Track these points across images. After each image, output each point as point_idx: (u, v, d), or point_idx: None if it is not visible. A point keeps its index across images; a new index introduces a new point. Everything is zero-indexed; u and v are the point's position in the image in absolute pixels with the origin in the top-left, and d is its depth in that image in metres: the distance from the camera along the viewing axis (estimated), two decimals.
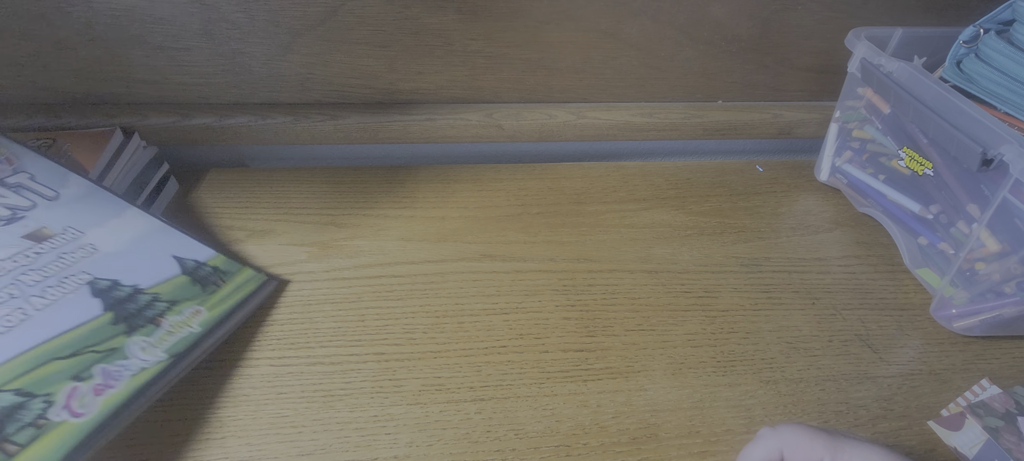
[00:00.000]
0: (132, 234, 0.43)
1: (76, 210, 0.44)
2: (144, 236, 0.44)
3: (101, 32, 0.52)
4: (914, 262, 0.53)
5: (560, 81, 0.61)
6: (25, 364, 0.34)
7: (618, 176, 0.62)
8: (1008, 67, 0.46)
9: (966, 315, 0.46)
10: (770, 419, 0.40)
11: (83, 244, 0.42)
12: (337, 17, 0.54)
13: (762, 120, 0.65)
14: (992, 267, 0.44)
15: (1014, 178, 0.40)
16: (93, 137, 0.50)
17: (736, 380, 0.42)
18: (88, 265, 0.40)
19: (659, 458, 0.38)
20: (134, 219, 0.45)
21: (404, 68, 0.58)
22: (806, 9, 0.59)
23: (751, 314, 0.48)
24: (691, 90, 0.64)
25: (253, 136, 0.58)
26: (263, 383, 0.40)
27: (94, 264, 0.40)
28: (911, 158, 0.51)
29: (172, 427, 0.37)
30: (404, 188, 0.58)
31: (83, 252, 0.41)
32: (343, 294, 0.47)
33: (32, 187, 0.45)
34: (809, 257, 0.54)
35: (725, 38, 0.60)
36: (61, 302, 0.37)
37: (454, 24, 0.55)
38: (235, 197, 0.56)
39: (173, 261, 0.43)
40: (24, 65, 0.53)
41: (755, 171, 0.65)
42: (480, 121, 0.60)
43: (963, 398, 0.42)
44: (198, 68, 0.55)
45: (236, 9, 0.52)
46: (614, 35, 0.58)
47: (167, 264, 0.42)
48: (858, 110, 0.56)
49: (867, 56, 0.52)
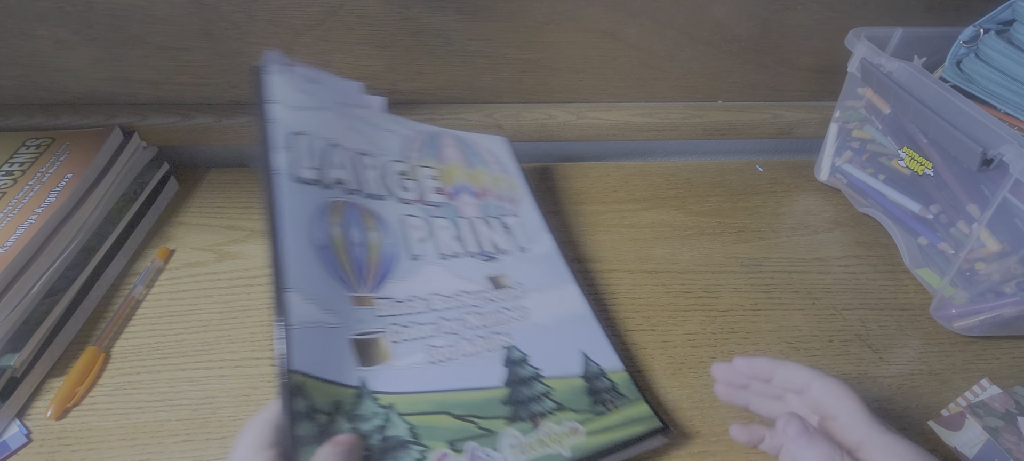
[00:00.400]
0: (561, 311, 0.42)
1: (533, 268, 0.44)
2: (569, 318, 0.42)
3: (101, 32, 0.52)
4: (914, 262, 0.52)
5: (560, 81, 0.61)
6: (428, 404, 0.34)
7: (618, 176, 0.62)
8: (1008, 67, 0.46)
9: (966, 315, 0.46)
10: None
11: (521, 305, 0.41)
12: (337, 17, 0.54)
13: (762, 120, 0.65)
14: (992, 267, 0.44)
15: (1014, 178, 0.40)
16: (92, 137, 0.50)
17: None
18: (514, 329, 0.40)
19: (660, 458, 0.38)
20: (570, 297, 0.43)
21: (404, 68, 0.58)
22: (806, 9, 0.59)
23: (751, 314, 0.48)
24: (691, 90, 0.64)
25: (254, 136, 0.58)
26: (263, 383, 0.40)
27: (518, 330, 0.40)
28: (911, 158, 0.51)
29: (172, 427, 0.38)
30: None
31: (517, 314, 0.41)
32: None
33: (517, 233, 0.46)
34: (809, 257, 0.54)
35: (725, 38, 0.60)
36: (480, 356, 0.37)
37: (454, 24, 0.55)
38: (235, 197, 0.56)
39: (579, 357, 0.39)
40: (24, 65, 0.53)
41: (755, 171, 0.65)
42: (480, 121, 0.60)
43: (963, 398, 0.42)
44: (198, 68, 0.55)
45: (236, 9, 0.52)
46: (614, 35, 0.58)
47: (573, 359, 0.39)
48: (858, 110, 0.56)
49: (867, 56, 0.52)
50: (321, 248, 0.36)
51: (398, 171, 0.45)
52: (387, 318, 0.36)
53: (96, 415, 0.38)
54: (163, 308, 0.45)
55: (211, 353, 0.42)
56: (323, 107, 0.42)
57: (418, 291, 0.39)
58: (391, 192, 0.43)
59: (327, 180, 0.39)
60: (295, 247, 0.34)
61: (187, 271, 0.48)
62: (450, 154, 0.49)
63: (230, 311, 0.45)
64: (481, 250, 0.44)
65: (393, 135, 0.47)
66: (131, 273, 0.48)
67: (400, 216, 0.42)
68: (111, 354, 0.41)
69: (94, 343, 0.41)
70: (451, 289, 0.40)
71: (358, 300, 0.36)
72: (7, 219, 0.42)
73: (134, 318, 0.44)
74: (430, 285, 0.40)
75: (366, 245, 0.38)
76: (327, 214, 0.37)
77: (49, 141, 0.50)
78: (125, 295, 0.45)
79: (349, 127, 0.43)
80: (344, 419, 0.31)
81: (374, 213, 0.41)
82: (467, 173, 0.49)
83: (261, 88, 0.39)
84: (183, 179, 0.58)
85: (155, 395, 0.39)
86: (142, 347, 0.42)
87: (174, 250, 0.50)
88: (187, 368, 0.41)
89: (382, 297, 0.37)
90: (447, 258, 0.42)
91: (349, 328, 0.34)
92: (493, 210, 0.47)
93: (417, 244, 0.41)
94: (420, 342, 0.36)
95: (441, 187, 0.46)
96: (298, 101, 0.40)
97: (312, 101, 0.41)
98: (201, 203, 0.55)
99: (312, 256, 0.35)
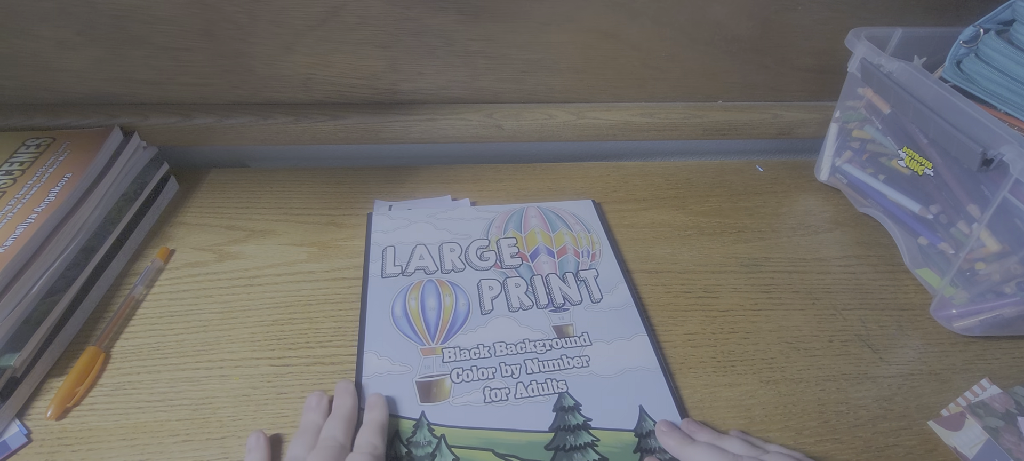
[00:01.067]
0: (626, 363, 0.42)
1: (603, 319, 0.45)
2: (634, 370, 0.42)
3: (102, 32, 0.52)
4: (914, 262, 0.52)
5: (560, 81, 0.61)
6: (475, 439, 0.37)
7: (618, 176, 0.62)
8: (1008, 67, 0.46)
9: (966, 315, 0.46)
10: (770, 418, 0.40)
11: (583, 354, 0.43)
12: (338, 17, 0.54)
13: (762, 120, 0.65)
14: (992, 267, 0.44)
15: (1014, 178, 0.40)
16: (92, 136, 0.50)
17: (736, 380, 0.42)
18: (571, 377, 0.41)
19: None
20: (639, 349, 0.43)
21: (405, 68, 0.58)
22: (806, 9, 0.59)
23: (751, 314, 0.48)
24: (691, 90, 0.64)
25: (254, 136, 0.58)
26: (263, 383, 0.40)
27: (576, 378, 0.41)
28: (911, 158, 0.51)
29: (172, 427, 0.37)
30: (404, 188, 0.58)
31: (577, 362, 0.42)
32: (343, 294, 0.47)
33: (591, 285, 0.47)
34: (809, 257, 0.54)
35: (725, 38, 0.60)
36: (532, 400, 0.40)
37: (455, 25, 0.55)
38: (235, 197, 0.56)
39: (636, 413, 0.39)
40: (24, 65, 0.53)
41: (755, 171, 0.65)
42: (480, 121, 0.60)
43: (963, 398, 0.42)
44: (199, 68, 0.55)
45: (238, 9, 0.52)
46: (614, 35, 0.58)
47: (628, 413, 0.39)
48: (858, 110, 0.56)
49: (867, 56, 0.52)
50: (398, 318, 0.44)
51: (478, 248, 0.50)
52: (452, 363, 0.41)
53: (96, 415, 0.38)
54: (163, 308, 0.45)
55: (211, 353, 0.42)
56: (413, 222, 0.52)
57: (484, 339, 0.43)
58: (469, 265, 0.49)
59: (409, 271, 0.48)
60: (375, 322, 0.44)
61: (187, 271, 0.48)
62: (532, 223, 0.54)
63: (230, 311, 0.45)
64: (551, 302, 0.46)
65: (478, 221, 0.53)
66: (131, 273, 0.48)
67: (476, 281, 0.47)
68: (111, 354, 0.41)
69: (94, 343, 0.41)
70: (516, 337, 0.43)
71: (427, 351, 0.42)
72: (7, 218, 0.42)
73: (134, 318, 0.44)
74: (496, 334, 0.44)
75: (440, 308, 0.45)
76: (407, 292, 0.46)
77: (49, 141, 0.50)
78: (125, 295, 0.45)
79: (435, 227, 0.52)
80: (401, 444, 0.36)
81: (451, 283, 0.47)
82: (547, 236, 0.52)
83: (368, 225, 0.52)
84: (183, 179, 0.58)
85: (155, 395, 0.39)
86: (142, 347, 0.42)
87: (174, 250, 0.50)
88: (187, 368, 0.41)
89: (450, 346, 0.42)
90: (516, 311, 0.45)
91: (416, 373, 0.41)
92: (570, 266, 0.49)
93: (489, 301, 0.46)
94: (478, 383, 0.40)
95: (519, 252, 0.51)
96: (392, 226, 0.52)
97: (404, 222, 0.52)
98: (201, 203, 0.55)
99: (390, 325, 0.44)
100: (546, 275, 0.48)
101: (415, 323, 0.44)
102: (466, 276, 0.48)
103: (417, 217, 0.53)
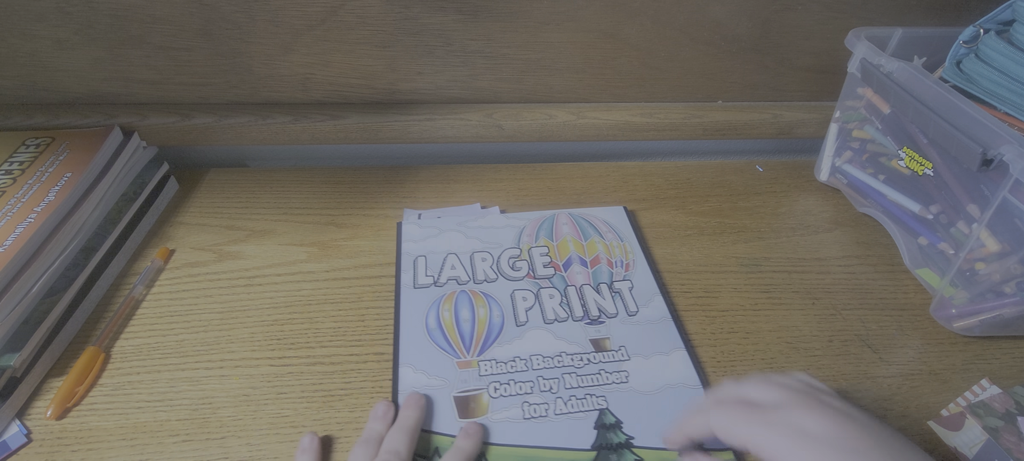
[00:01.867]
0: (666, 380, 0.41)
1: (640, 333, 0.44)
2: (674, 386, 0.41)
3: (101, 32, 0.52)
4: (914, 262, 0.52)
5: (560, 81, 0.61)
6: (515, 457, 0.36)
7: (618, 176, 0.62)
8: (1008, 67, 0.46)
9: (966, 315, 0.46)
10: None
11: (621, 369, 0.42)
12: (337, 17, 0.54)
13: (762, 120, 0.65)
14: (992, 267, 0.44)
15: (1014, 178, 0.40)
16: (92, 136, 0.50)
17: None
18: (610, 393, 0.40)
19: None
20: (677, 364, 0.42)
21: (404, 68, 0.58)
22: (806, 9, 0.59)
23: (751, 314, 0.48)
24: (691, 90, 0.64)
25: (253, 136, 0.58)
26: (263, 383, 0.40)
27: (615, 394, 0.40)
28: (911, 158, 0.51)
29: (172, 427, 0.37)
30: (404, 188, 0.58)
31: (617, 377, 0.41)
32: (343, 294, 0.47)
33: (626, 297, 0.47)
34: (809, 257, 0.54)
35: (725, 38, 0.60)
36: (572, 417, 0.39)
37: (454, 24, 0.55)
38: (235, 197, 0.56)
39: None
40: (25, 65, 0.53)
41: (755, 171, 0.65)
42: (480, 121, 0.60)
43: (963, 398, 0.42)
44: (198, 68, 0.55)
45: (236, 9, 0.52)
46: (614, 35, 0.58)
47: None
48: (858, 110, 0.56)
49: (867, 56, 0.52)
50: (433, 330, 0.44)
51: (510, 257, 0.50)
52: (488, 376, 0.41)
53: (96, 415, 0.38)
54: (163, 308, 0.45)
55: (211, 353, 0.42)
56: (443, 231, 0.52)
57: (520, 352, 0.42)
58: (502, 275, 0.48)
59: (441, 281, 0.47)
60: (409, 334, 0.43)
61: (187, 271, 0.48)
62: (563, 231, 0.53)
63: (230, 311, 0.45)
64: (586, 314, 0.45)
65: (509, 229, 0.53)
66: (131, 273, 0.48)
67: (510, 292, 0.47)
68: (111, 354, 0.41)
69: (94, 343, 0.41)
70: (552, 350, 0.43)
71: (463, 364, 0.41)
72: (6, 218, 0.42)
73: (134, 318, 0.44)
74: (532, 347, 0.43)
75: (474, 320, 0.45)
76: (440, 303, 0.46)
77: (49, 140, 0.50)
78: (125, 295, 0.45)
79: (466, 236, 0.52)
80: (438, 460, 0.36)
81: (484, 294, 0.47)
82: (579, 245, 0.51)
83: (398, 235, 0.51)
84: (183, 179, 0.57)
85: (155, 395, 0.39)
86: (142, 347, 0.42)
87: (174, 250, 0.50)
88: (187, 368, 0.41)
89: (486, 359, 0.42)
90: (552, 323, 0.45)
91: (453, 387, 0.40)
92: (603, 276, 0.49)
93: (524, 313, 0.45)
94: (517, 398, 0.40)
95: (552, 261, 0.50)
96: (422, 235, 0.51)
97: (434, 231, 0.52)
98: (201, 203, 0.55)
99: (424, 337, 0.43)
100: (580, 286, 0.47)
101: (449, 335, 0.43)
102: (499, 287, 0.47)
103: (447, 226, 0.52)
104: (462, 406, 0.39)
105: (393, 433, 0.35)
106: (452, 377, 0.40)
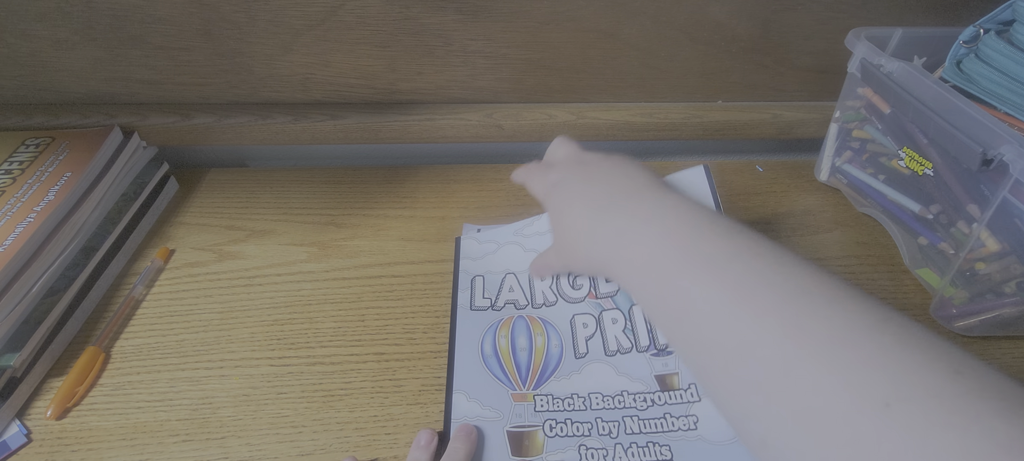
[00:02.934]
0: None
1: None
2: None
3: (101, 32, 0.52)
4: (914, 262, 0.52)
5: (560, 81, 0.61)
6: None
7: None
8: (1008, 67, 0.46)
9: (966, 315, 0.46)
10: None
11: (690, 413, 0.37)
12: (337, 17, 0.54)
13: (762, 120, 0.65)
14: (992, 267, 0.44)
15: (1014, 178, 0.40)
16: (91, 136, 0.50)
17: None
18: (676, 439, 0.36)
19: None
20: None
21: (404, 68, 0.58)
22: (806, 9, 0.59)
23: None
24: (691, 90, 0.64)
25: (253, 136, 0.58)
26: (263, 383, 0.40)
27: (682, 443, 0.36)
28: (911, 158, 0.51)
29: (172, 427, 0.37)
30: (404, 188, 0.58)
31: (684, 422, 0.37)
32: (343, 294, 0.47)
33: None
34: (809, 257, 0.53)
35: (725, 38, 0.60)
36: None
37: (454, 24, 0.55)
38: (235, 197, 0.56)
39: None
40: (24, 65, 0.53)
41: (755, 171, 0.65)
42: (480, 121, 0.60)
43: None
44: (198, 68, 0.55)
45: (236, 9, 0.52)
46: (614, 35, 0.58)
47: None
48: (858, 110, 0.56)
49: (867, 56, 0.52)
50: (488, 356, 0.41)
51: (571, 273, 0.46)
52: (544, 413, 0.38)
53: (96, 415, 0.38)
54: (163, 308, 0.45)
55: (211, 353, 0.42)
56: (501, 245, 0.49)
57: (579, 388, 0.39)
58: (561, 297, 0.45)
59: (499, 305, 0.45)
60: (464, 358, 0.41)
61: (187, 271, 0.48)
62: None
63: (230, 311, 0.45)
64: (652, 344, 0.41)
65: None
66: (131, 273, 0.48)
67: (569, 317, 0.43)
68: (111, 354, 0.41)
69: (94, 343, 0.41)
70: (613, 389, 0.39)
71: (518, 397, 0.39)
72: (6, 218, 0.42)
73: (134, 318, 0.44)
74: (591, 383, 0.39)
75: (531, 349, 0.42)
76: (496, 329, 0.43)
77: (49, 140, 0.50)
78: (125, 295, 0.45)
79: (524, 249, 0.48)
80: None
81: (542, 320, 0.44)
82: None
83: (457, 251, 0.49)
84: (183, 179, 0.58)
85: (155, 395, 0.39)
86: (142, 347, 0.42)
87: (174, 250, 0.50)
88: (187, 368, 0.41)
89: (542, 394, 0.39)
90: (613, 355, 0.41)
91: (507, 421, 0.38)
92: None
93: (584, 342, 0.42)
94: (573, 439, 0.37)
95: None
96: (480, 253, 0.49)
97: (493, 247, 0.49)
98: (201, 203, 0.55)
99: (479, 364, 0.41)
100: None
101: (505, 364, 0.41)
102: (558, 311, 0.44)
103: (504, 237, 0.49)
104: (516, 443, 0.36)
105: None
106: (506, 410, 0.38)
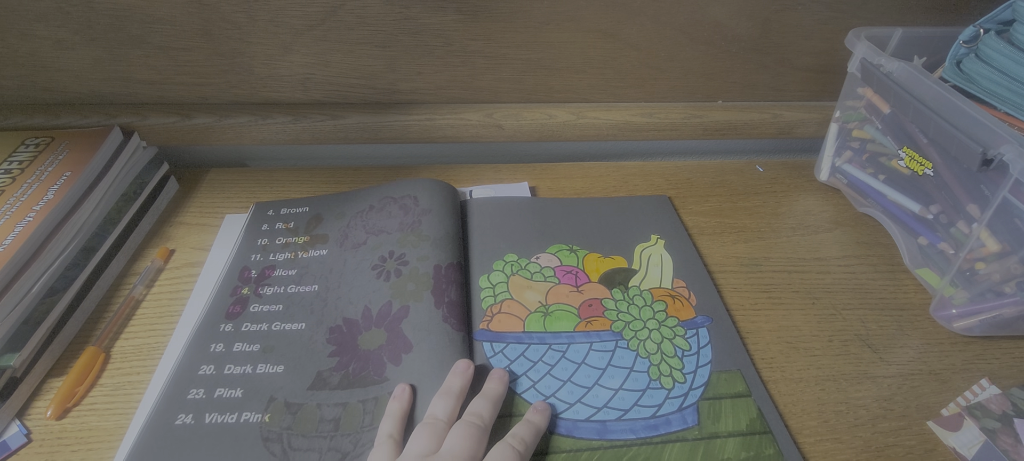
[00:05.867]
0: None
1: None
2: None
3: (101, 32, 0.52)
4: (914, 262, 0.52)
5: (560, 81, 0.61)
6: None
7: (618, 176, 0.62)
8: (1008, 67, 0.46)
9: (966, 315, 0.46)
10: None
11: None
12: (337, 17, 0.54)
13: (762, 120, 0.65)
14: (992, 267, 0.44)
15: (1014, 178, 0.40)
16: (91, 136, 0.50)
17: None
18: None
19: None
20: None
21: (404, 68, 0.58)
22: (806, 9, 0.59)
23: (751, 314, 0.48)
24: (691, 90, 0.64)
25: (253, 136, 0.58)
26: None
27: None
28: (911, 158, 0.51)
29: None
30: None
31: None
32: None
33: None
34: (809, 257, 0.54)
35: (725, 38, 0.60)
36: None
37: (454, 24, 0.55)
38: (235, 197, 0.56)
39: None
40: (24, 65, 0.53)
41: (755, 171, 0.65)
42: (480, 121, 0.60)
43: (963, 398, 0.42)
44: (198, 68, 0.55)
45: (236, 9, 0.52)
46: (614, 35, 0.58)
47: None
48: (858, 110, 0.56)
49: (867, 56, 0.52)
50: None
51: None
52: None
53: (96, 415, 0.38)
54: (163, 308, 0.45)
55: None
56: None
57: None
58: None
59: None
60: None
61: (187, 271, 0.48)
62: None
63: None
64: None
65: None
66: (131, 273, 0.48)
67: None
68: (111, 354, 0.41)
69: (94, 343, 0.41)
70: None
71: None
72: (5, 217, 0.42)
73: (134, 318, 0.44)
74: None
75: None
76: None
77: (48, 140, 0.50)
78: (125, 295, 0.45)
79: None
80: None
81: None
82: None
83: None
84: (183, 179, 0.58)
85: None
86: (142, 347, 0.42)
87: (174, 250, 0.50)
88: None
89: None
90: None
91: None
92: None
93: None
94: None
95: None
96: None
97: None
98: (201, 203, 0.55)
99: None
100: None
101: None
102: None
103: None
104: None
105: (479, 399, 0.36)
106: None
